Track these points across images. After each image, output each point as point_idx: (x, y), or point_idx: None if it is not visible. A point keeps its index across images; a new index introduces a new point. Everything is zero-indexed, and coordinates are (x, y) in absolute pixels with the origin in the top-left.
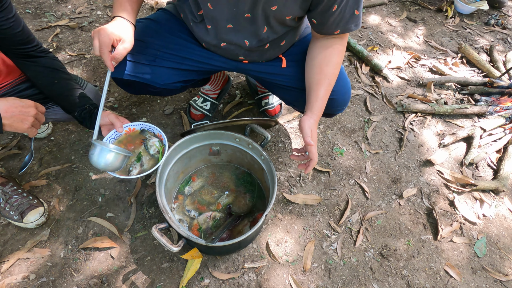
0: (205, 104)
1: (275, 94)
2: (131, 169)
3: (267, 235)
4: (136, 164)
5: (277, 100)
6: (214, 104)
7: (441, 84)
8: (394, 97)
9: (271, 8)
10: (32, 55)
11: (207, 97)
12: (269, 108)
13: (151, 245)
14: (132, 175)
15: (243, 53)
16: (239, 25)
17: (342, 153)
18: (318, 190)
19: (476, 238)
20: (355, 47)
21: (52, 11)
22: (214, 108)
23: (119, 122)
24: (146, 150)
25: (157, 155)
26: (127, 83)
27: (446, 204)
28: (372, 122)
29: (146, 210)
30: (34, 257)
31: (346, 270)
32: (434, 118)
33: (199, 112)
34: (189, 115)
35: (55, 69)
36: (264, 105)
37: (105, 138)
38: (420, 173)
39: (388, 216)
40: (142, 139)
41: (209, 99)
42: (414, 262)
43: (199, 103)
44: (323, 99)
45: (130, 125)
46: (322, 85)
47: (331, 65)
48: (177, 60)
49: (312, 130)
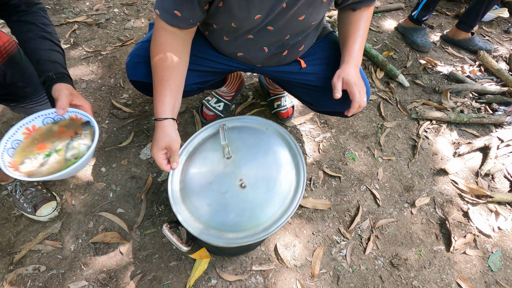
0: (219, 105)
1: (292, 94)
2: (25, 161)
3: (276, 238)
4: (35, 159)
5: (290, 103)
6: (227, 105)
7: (458, 92)
8: (408, 104)
9: (299, 18)
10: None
11: (221, 98)
12: (282, 110)
13: (159, 242)
14: (21, 169)
15: (261, 61)
16: (261, 36)
17: (354, 159)
18: (328, 195)
19: (491, 251)
20: (370, 52)
21: (70, 8)
22: (227, 109)
23: (64, 103)
24: (65, 149)
25: (72, 161)
26: (144, 86)
27: (460, 215)
28: (386, 128)
29: (156, 208)
30: (45, 249)
31: (355, 277)
32: (450, 127)
33: (212, 112)
34: (201, 115)
35: (34, 24)
36: (276, 107)
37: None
38: (433, 182)
39: (399, 225)
40: (72, 135)
41: (223, 100)
42: (425, 273)
43: (212, 103)
44: (359, 51)
45: (78, 112)
46: (356, 36)
47: (362, 21)
48: (193, 61)
49: (350, 76)
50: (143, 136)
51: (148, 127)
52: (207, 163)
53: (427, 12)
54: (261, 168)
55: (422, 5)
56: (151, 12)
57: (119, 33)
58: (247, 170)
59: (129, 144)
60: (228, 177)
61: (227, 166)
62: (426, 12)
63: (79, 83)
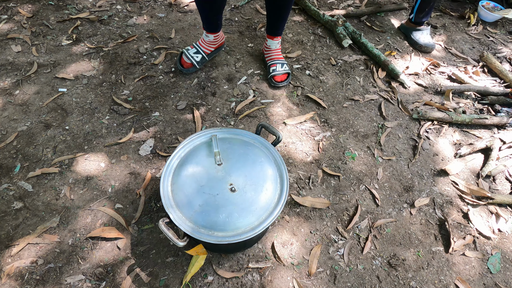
0: (197, 55)
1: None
2: None
3: (273, 236)
4: None
5: (285, 70)
6: (204, 58)
7: (460, 93)
8: (410, 104)
9: None
10: None
11: (200, 49)
12: (276, 74)
13: (157, 238)
14: None
15: None
16: None
17: (353, 158)
18: (327, 193)
19: (490, 253)
20: (372, 51)
21: (73, 4)
22: (203, 62)
23: None
24: None
25: None
26: None
27: (459, 216)
28: (386, 128)
29: (154, 204)
30: (43, 243)
31: (352, 277)
32: (451, 127)
33: (189, 61)
34: (179, 62)
35: None
36: (272, 71)
37: None
38: (433, 182)
39: (398, 225)
40: None
41: (201, 52)
42: (423, 274)
43: (191, 52)
44: None
45: None
46: None
47: None
48: None
49: None
50: (143, 132)
51: (148, 123)
52: (199, 167)
53: (423, 13)
54: (249, 175)
55: (416, 8)
56: (154, 9)
57: (121, 29)
58: (237, 176)
59: (128, 140)
60: (219, 181)
61: (218, 172)
62: (423, 14)
63: (80, 78)
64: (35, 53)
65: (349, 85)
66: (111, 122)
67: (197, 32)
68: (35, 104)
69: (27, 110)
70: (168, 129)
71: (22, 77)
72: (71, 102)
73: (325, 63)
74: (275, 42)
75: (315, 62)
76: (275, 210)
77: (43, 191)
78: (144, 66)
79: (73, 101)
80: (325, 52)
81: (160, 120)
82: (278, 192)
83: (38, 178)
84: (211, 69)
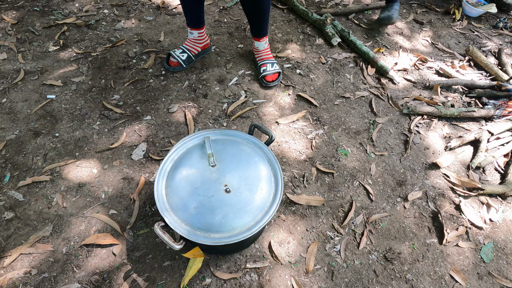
0: (183, 55)
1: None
2: None
3: (270, 235)
4: None
5: (275, 69)
6: (191, 58)
7: (448, 87)
8: (400, 99)
9: None
10: None
11: (186, 49)
12: (267, 74)
13: (153, 243)
14: None
15: None
16: None
17: (346, 155)
18: (322, 191)
19: (483, 243)
20: (361, 48)
21: (59, 9)
22: (190, 61)
23: None
24: None
25: None
26: None
27: (452, 208)
28: (378, 124)
29: (149, 208)
30: (37, 252)
31: (349, 272)
32: (441, 121)
33: (175, 60)
34: (167, 62)
35: None
36: (262, 72)
37: None
38: (425, 176)
39: (392, 219)
40: None
41: (187, 51)
42: (418, 266)
43: (177, 52)
44: None
45: None
46: None
47: None
48: None
49: None
50: (135, 137)
51: (140, 128)
52: (192, 170)
53: None
54: (244, 175)
55: None
56: (142, 13)
57: (109, 34)
58: (231, 177)
59: (120, 145)
60: (213, 183)
61: (212, 173)
62: None
63: (69, 84)
64: (22, 60)
65: (339, 82)
66: (102, 128)
67: (185, 34)
68: (23, 112)
69: (15, 118)
70: (160, 132)
71: (9, 85)
72: (60, 108)
73: (315, 62)
74: (262, 42)
75: (305, 61)
76: (270, 209)
77: (35, 200)
78: (134, 70)
79: (63, 108)
80: (314, 50)
81: (152, 124)
82: (273, 191)
83: (29, 187)
84: (201, 71)
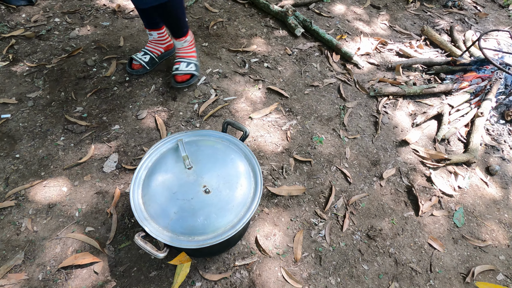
0: (145, 57)
1: None
2: None
3: (255, 230)
4: None
5: (188, 70)
6: (154, 59)
7: (409, 66)
8: (366, 83)
9: None
10: None
11: (148, 50)
12: (177, 74)
13: (136, 255)
14: None
15: None
16: None
17: (321, 141)
18: (301, 180)
19: (454, 209)
20: (324, 37)
21: (4, 21)
22: (154, 63)
23: None
24: None
25: None
26: None
27: (424, 180)
28: (348, 109)
29: (128, 220)
30: (9, 284)
31: (336, 255)
32: (405, 100)
33: (138, 63)
34: (129, 66)
35: None
36: (174, 70)
37: None
38: (397, 153)
39: (371, 198)
40: None
41: (149, 53)
42: (399, 240)
43: (139, 56)
44: None
45: None
46: None
47: None
48: None
49: None
50: (104, 148)
51: (109, 138)
52: (169, 174)
53: None
54: (222, 174)
55: None
56: (97, 18)
57: (64, 43)
58: (209, 177)
59: (90, 158)
60: (191, 185)
61: (189, 176)
62: None
63: (24, 101)
64: None
65: (307, 72)
66: (67, 143)
67: (146, 37)
68: None
69: None
70: (131, 141)
71: None
72: (18, 127)
73: (281, 54)
74: (181, 42)
75: (272, 53)
76: (252, 204)
77: (1, 228)
78: (95, 79)
79: (20, 126)
80: (280, 43)
81: (121, 133)
82: (253, 186)
83: None
84: (168, 73)
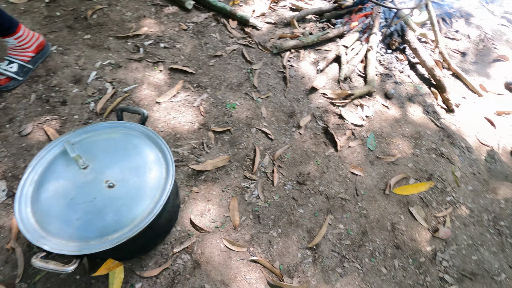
0: (10, 66)
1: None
2: None
3: (188, 212)
4: None
5: (7, 71)
6: (25, 67)
7: (303, 19)
8: (267, 42)
9: None
10: None
11: (14, 58)
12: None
13: (57, 281)
14: None
15: None
16: None
17: (234, 107)
18: (224, 150)
19: (366, 136)
20: (217, 5)
21: None
22: (26, 71)
23: None
24: None
25: None
26: None
27: (336, 119)
28: (255, 71)
29: (36, 248)
30: None
31: (273, 209)
32: (306, 50)
33: (4, 76)
34: None
35: None
36: None
37: None
38: (309, 101)
39: (294, 148)
40: None
41: (16, 61)
42: (326, 177)
43: (3, 67)
44: None
45: None
46: None
47: None
48: None
49: None
50: None
51: None
52: (61, 181)
53: None
54: (125, 163)
55: None
56: None
57: None
58: (111, 171)
59: None
60: (91, 185)
61: (87, 176)
62: None
63: None
64: None
65: (208, 44)
66: None
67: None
68: None
69: None
70: (19, 162)
71: None
72: None
73: (177, 31)
74: (9, 39)
75: (166, 32)
76: (167, 184)
77: None
78: None
79: None
80: (172, 19)
81: (4, 156)
82: (164, 166)
83: None
84: (48, 77)
